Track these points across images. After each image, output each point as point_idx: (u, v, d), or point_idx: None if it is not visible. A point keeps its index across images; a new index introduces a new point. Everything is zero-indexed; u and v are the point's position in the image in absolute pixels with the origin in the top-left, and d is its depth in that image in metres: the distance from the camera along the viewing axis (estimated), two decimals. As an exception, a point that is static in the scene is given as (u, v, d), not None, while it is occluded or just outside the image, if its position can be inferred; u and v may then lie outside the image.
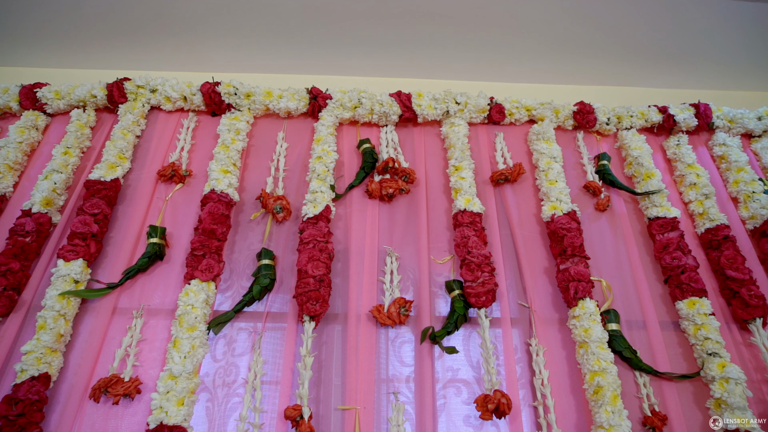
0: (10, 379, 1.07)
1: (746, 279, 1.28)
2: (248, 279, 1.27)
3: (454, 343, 1.21)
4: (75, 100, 1.48)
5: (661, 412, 1.13)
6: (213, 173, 1.34)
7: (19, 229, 1.22)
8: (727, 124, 1.61)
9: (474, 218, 1.33)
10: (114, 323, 1.17)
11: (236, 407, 1.12)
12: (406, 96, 1.52)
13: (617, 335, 1.20)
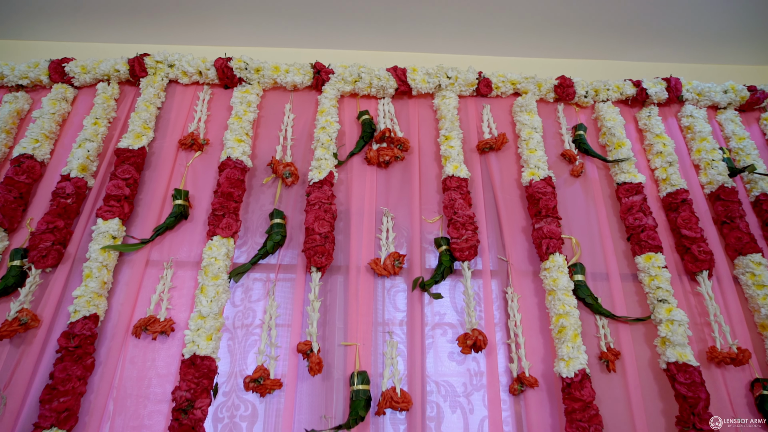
0: (62, 320, 1.27)
1: (698, 237, 1.46)
2: (261, 236, 1.45)
3: (440, 291, 1.41)
4: (100, 74, 1.62)
5: (615, 349, 1.33)
6: (228, 142, 1.50)
7: (60, 192, 1.39)
8: (696, 97, 1.75)
9: (460, 183, 1.50)
10: (148, 273, 1.36)
11: (254, 344, 1.32)
12: (401, 71, 1.67)
13: (581, 285, 1.39)
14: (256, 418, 1.25)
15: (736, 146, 1.68)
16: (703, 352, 1.35)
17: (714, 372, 1.34)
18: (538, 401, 1.28)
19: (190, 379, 1.17)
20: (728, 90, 1.75)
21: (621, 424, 1.26)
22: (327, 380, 1.27)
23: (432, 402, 1.30)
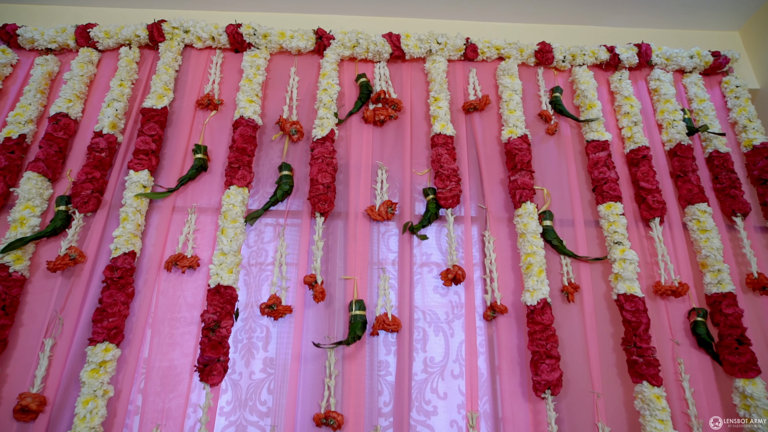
0: (104, 256, 1.49)
1: (653, 188, 1.67)
2: (271, 186, 1.66)
3: (427, 234, 1.62)
4: (122, 38, 1.78)
5: (575, 283, 1.56)
6: (241, 102, 1.69)
7: (95, 147, 1.58)
8: (664, 62, 1.92)
9: (447, 140, 1.69)
10: (174, 218, 1.57)
11: (267, 278, 1.54)
12: (396, 37, 1.83)
13: (549, 229, 1.61)
14: (270, 339, 1.49)
15: (697, 107, 1.86)
16: (651, 287, 1.58)
17: (658, 303, 1.57)
18: (507, 325, 1.52)
19: (216, 304, 1.41)
20: (694, 55, 1.92)
21: (577, 344, 1.50)
22: (329, 307, 1.51)
23: (419, 327, 1.54)
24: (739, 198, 1.68)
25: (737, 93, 1.88)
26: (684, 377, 1.46)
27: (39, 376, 1.33)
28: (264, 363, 1.46)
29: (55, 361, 1.36)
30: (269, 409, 1.42)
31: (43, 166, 1.54)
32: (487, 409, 1.45)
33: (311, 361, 1.44)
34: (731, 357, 1.47)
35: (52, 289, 1.46)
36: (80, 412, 1.27)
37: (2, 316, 1.36)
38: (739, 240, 1.66)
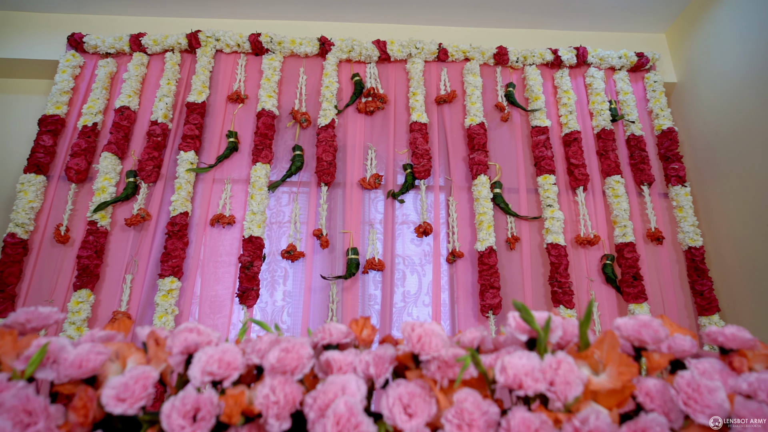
0: (163, 216, 2.01)
1: (580, 164, 2.17)
2: (286, 162, 2.16)
3: (406, 199, 2.14)
4: (167, 45, 2.26)
5: (517, 236, 2.08)
6: (262, 97, 2.18)
7: (153, 132, 2.08)
8: (598, 61, 2.40)
9: (421, 126, 2.18)
10: (214, 187, 2.08)
11: (285, 232, 2.06)
12: (383, 43, 2.30)
13: (498, 195, 2.11)
14: (288, 276, 2.02)
15: (623, 99, 2.35)
16: (574, 238, 2.10)
17: (579, 250, 2.09)
18: (464, 267, 2.04)
19: (249, 249, 1.93)
20: (622, 56, 2.39)
21: (516, 280, 2.03)
22: (332, 253, 2.03)
23: (399, 269, 2.07)
24: (646, 171, 2.19)
25: (654, 87, 2.37)
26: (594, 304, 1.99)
27: (124, 300, 1.87)
28: (284, 294, 1.99)
29: (134, 291, 1.90)
30: (288, 327, 1.95)
31: (114, 147, 2.05)
32: (447, 328, 1.99)
33: (319, 292, 1.98)
34: (628, 289, 2.00)
35: (127, 239, 1.98)
36: (156, 324, 1.80)
37: (94, 257, 1.89)
38: (644, 203, 2.18)
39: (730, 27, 2.12)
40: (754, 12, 2.00)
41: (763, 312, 1.89)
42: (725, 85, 2.14)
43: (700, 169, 2.26)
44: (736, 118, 2.07)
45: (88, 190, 2.04)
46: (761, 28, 1.96)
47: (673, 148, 2.24)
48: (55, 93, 2.14)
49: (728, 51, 2.13)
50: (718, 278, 2.11)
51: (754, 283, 1.94)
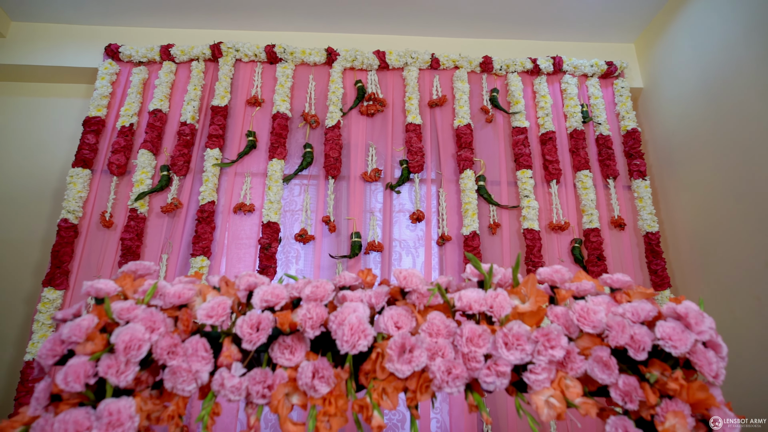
0: (193, 205, 2.33)
1: (554, 160, 2.49)
2: (298, 158, 2.47)
3: (402, 191, 2.46)
4: (192, 55, 2.57)
5: (498, 222, 2.40)
6: (276, 101, 2.49)
7: (183, 132, 2.40)
8: (573, 69, 2.71)
9: (416, 127, 2.50)
10: (236, 180, 2.40)
11: (297, 219, 2.39)
12: (382, 53, 2.62)
13: (482, 187, 2.43)
14: (300, 256, 2.34)
15: (593, 103, 2.66)
16: (547, 225, 2.42)
17: (552, 235, 2.42)
18: (451, 249, 2.37)
19: (267, 233, 2.25)
20: (594, 65, 2.71)
21: (497, 261, 2.35)
22: (338, 236, 2.35)
23: (396, 251, 2.39)
24: (612, 166, 2.51)
25: (621, 92, 2.68)
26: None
27: (161, 276, 2.19)
28: (297, 271, 2.32)
29: (169, 268, 2.22)
30: (301, 299, 2.27)
31: (150, 145, 2.37)
32: (437, 300, 2.31)
33: (327, 269, 2.30)
34: (593, 268, 2.33)
35: (162, 224, 2.30)
36: (190, 295, 2.12)
37: (135, 239, 2.21)
38: (609, 195, 2.50)
39: (688, 40, 2.43)
40: (707, 28, 2.31)
41: (708, 286, 2.22)
42: (682, 91, 2.46)
43: (660, 165, 2.59)
44: (690, 121, 2.39)
45: (128, 182, 2.36)
46: (711, 42, 2.27)
47: (636, 146, 2.56)
48: (96, 97, 2.46)
49: (685, 61, 2.45)
50: (671, 259, 2.44)
51: (702, 263, 2.26)
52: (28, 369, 2.00)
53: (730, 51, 2.15)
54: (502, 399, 2.14)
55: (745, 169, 2.03)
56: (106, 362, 0.86)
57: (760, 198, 1.95)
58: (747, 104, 2.04)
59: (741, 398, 1.94)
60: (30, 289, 2.37)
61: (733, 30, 2.14)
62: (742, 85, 2.07)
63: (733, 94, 2.12)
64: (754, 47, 2.01)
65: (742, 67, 2.08)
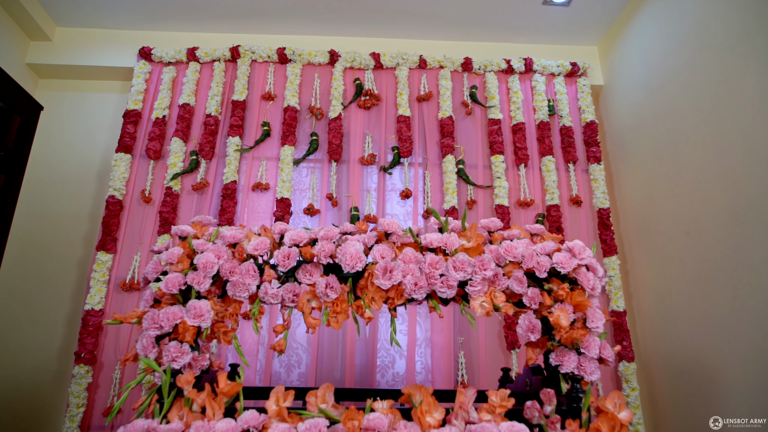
0: (217, 183, 2.77)
1: (523, 147, 2.93)
2: (305, 145, 2.92)
3: (394, 172, 2.90)
4: (215, 56, 3.00)
5: (474, 199, 2.85)
6: (287, 96, 2.93)
7: (208, 122, 2.84)
8: (542, 69, 3.14)
9: (406, 119, 2.94)
10: (254, 163, 2.85)
11: (305, 195, 2.84)
12: (377, 55, 3.05)
13: (461, 170, 2.88)
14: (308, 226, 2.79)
15: (558, 98, 3.10)
16: (516, 201, 2.88)
17: (520, 210, 2.87)
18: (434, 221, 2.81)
19: (281, 207, 2.71)
20: (560, 65, 3.14)
21: (472, 232, 2.80)
22: (340, 210, 2.81)
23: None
24: (572, 153, 2.96)
25: (583, 89, 3.12)
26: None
27: (193, 242, 2.64)
28: (305, 240, 2.77)
29: (199, 236, 2.67)
30: (308, 263, 2.73)
31: (180, 134, 2.81)
32: (423, 264, 2.77)
33: (330, 238, 2.75)
34: (553, 237, 2.78)
35: (192, 200, 2.75)
36: (218, 258, 2.58)
37: (171, 212, 2.66)
38: (569, 177, 2.95)
39: (636, 46, 2.87)
40: (649, 38, 2.75)
41: (646, 251, 2.68)
42: (631, 89, 2.90)
43: (614, 152, 3.04)
44: (636, 115, 2.84)
45: (162, 165, 2.80)
46: (653, 49, 2.71)
47: (594, 136, 3.00)
48: (133, 93, 2.90)
49: (633, 64, 2.89)
50: (620, 230, 2.90)
51: (642, 233, 2.72)
52: (87, 316, 2.46)
53: (667, 57, 2.59)
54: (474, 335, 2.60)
55: (675, 156, 2.48)
56: (191, 276, 1.31)
57: (684, 180, 2.40)
58: (678, 102, 2.48)
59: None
60: (81, 255, 2.82)
61: (669, 40, 2.58)
62: (674, 86, 2.52)
63: (667, 93, 2.57)
64: (685, 55, 2.45)
65: (674, 71, 2.52)
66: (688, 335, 2.33)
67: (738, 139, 2.06)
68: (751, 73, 2.01)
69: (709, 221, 2.21)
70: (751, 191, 1.98)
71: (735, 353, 2.04)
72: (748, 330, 1.97)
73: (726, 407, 2.06)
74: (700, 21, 2.34)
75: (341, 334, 2.58)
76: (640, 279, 2.75)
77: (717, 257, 2.16)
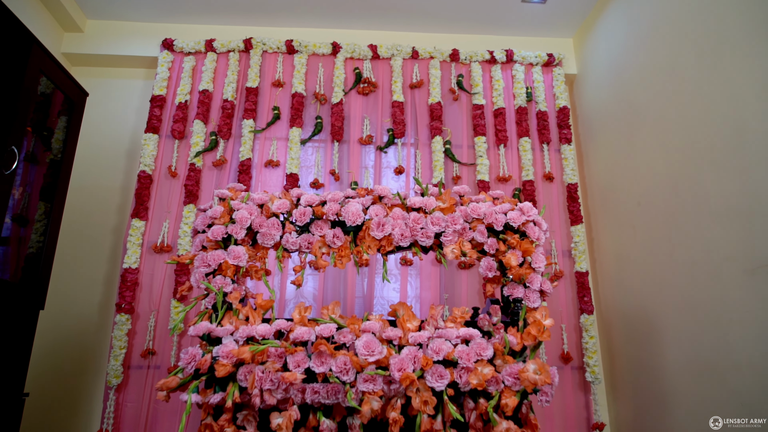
0: (234, 160, 3.17)
1: (503, 129, 3.32)
2: (311, 127, 3.31)
3: (389, 151, 3.30)
4: (230, 47, 3.37)
5: (459, 175, 3.25)
6: (294, 83, 3.31)
7: (226, 107, 3.22)
8: (521, 59, 3.52)
9: (399, 104, 3.33)
10: (265, 143, 3.24)
11: (310, 171, 3.24)
12: (374, 46, 3.42)
13: (448, 149, 3.28)
14: (313, 200, 3.20)
15: (535, 86, 3.48)
16: (494, 178, 3.28)
17: (498, 185, 3.27)
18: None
19: (290, 181, 3.11)
20: (537, 56, 3.52)
21: (457, 203, 3.22)
22: (341, 184, 3.21)
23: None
24: (546, 135, 3.36)
25: (558, 78, 3.50)
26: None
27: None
28: (311, 210, 3.18)
29: (219, 206, 3.08)
30: (314, 230, 3.14)
31: (201, 116, 3.20)
32: (413, 232, 3.19)
33: (333, 209, 3.16)
34: (527, 209, 3.19)
35: (212, 175, 3.15)
36: (236, 225, 2.99)
37: (194, 186, 3.06)
38: (543, 156, 3.35)
39: (603, 40, 3.25)
40: (614, 33, 3.12)
41: (607, 220, 3.10)
42: (599, 78, 3.28)
43: (584, 133, 3.44)
44: (603, 101, 3.23)
45: (186, 144, 3.20)
46: (617, 43, 3.08)
47: (566, 119, 3.40)
48: (158, 80, 3.28)
49: (601, 55, 3.27)
50: (588, 203, 3.32)
51: (604, 205, 3.14)
52: (126, 273, 2.87)
53: (626, 51, 2.97)
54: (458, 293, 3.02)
55: (631, 138, 2.88)
56: (231, 227, 1.73)
57: (637, 159, 2.81)
58: (633, 91, 2.88)
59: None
60: (115, 222, 3.23)
61: (629, 35, 2.96)
62: (631, 77, 2.91)
63: (625, 83, 2.96)
64: (640, 49, 2.84)
65: (631, 63, 2.91)
66: (638, 290, 2.76)
67: (679, 125, 2.46)
68: (691, 66, 2.40)
69: (655, 194, 2.63)
70: (686, 168, 2.39)
71: (670, 302, 2.47)
72: (680, 282, 2.39)
73: (663, 347, 2.50)
74: (653, 20, 2.72)
75: (341, 291, 3.00)
76: (602, 244, 3.17)
77: (659, 223, 2.57)
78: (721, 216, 2.14)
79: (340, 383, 1.38)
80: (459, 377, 1.40)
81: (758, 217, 1.94)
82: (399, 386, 1.37)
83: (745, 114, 2.04)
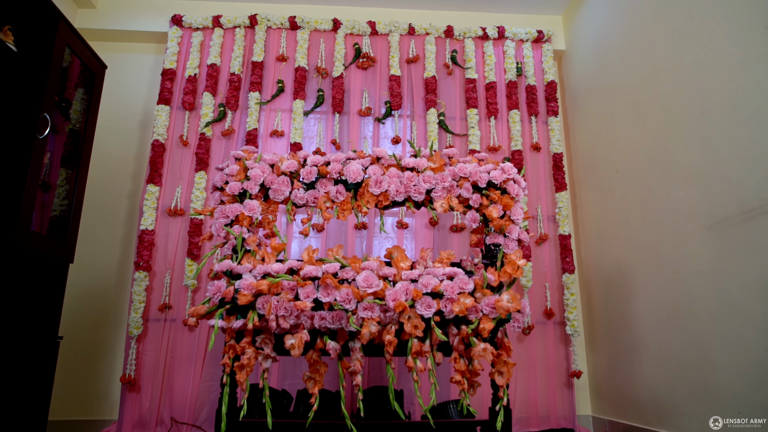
0: (242, 132, 3.39)
1: (494, 102, 3.53)
2: (313, 99, 3.51)
3: (387, 122, 3.52)
4: (236, 23, 3.56)
5: (452, 145, 3.47)
6: (298, 58, 3.50)
7: (232, 80, 3.43)
8: (512, 35, 3.71)
9: (397, 78, 3.53)
10: (270, 114, 3.45)
11: (313, 141, 3.46)
12: (373, 23, 3.61)
13: (442, 121, 3.49)
14: (315, 168, 3.43)
15: (525, 61, 3.68)
16: (486, 147, 3.50)
17: (489, 154, 3.49)
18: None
19: (294, 150, 3.33)
20: (527, 32, 3.71)
21: (450, 172, 3.45)
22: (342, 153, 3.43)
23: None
24: (534, 107, 3.57)
25: (546, 54, 3.70)
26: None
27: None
28: (313, 177, 3.41)
29: (228, 173, 3.30)
30: (316, 196, 3.38)
31: (210, 89, 3.40)
32: (409, 198, 3.42)
33: (334, 176, 3.39)
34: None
35: (221, 144, 3.37)
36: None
37: (205, 154, 3.28)
38: (532, 127, 3.57)
39: (588, 18, 3.44)
40: (598, 12, 3.32)
41: (589, 187, 3.34)
42: (585, 53, 3.48)
43: (571, 106, 3.65)
44: (587, 75, 3.43)
45: (196, 115, 3.41)
46: (600, 22, 3.28)
47: (553, 93, 3.61)
48: (169, 55, 3.47)
49: (587, 33, 3.46)
50: (572, 171, 3.55)
51: (586, 172, 3.37)
52: (143, 234, 3.11)
53: (608, 28, 3.17)
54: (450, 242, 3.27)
55: (610, 110, 3.10)
56: (246, 184, 1.96)
57: (616, 129, 3.03)
58: (613, 66, 3.08)
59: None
60: (130, 188, 3.45)
61: (611, 13, 3.15)
62: (611, 54, 3.11)
63: (606, 59, 3.17)
64: (620, 28, 3.04)
65: (612, 40, 3.11)
66: (615, 250, 3.01)
67: (653, 97, 2.68)
68: (665, 43, 2.61)
69: (631, 161, 2.86)
70: (658, 136, 2.62)
71: (641, 259, 2.72)
72: (650, 240, 2.64)
73: (634, 301, 2.76)
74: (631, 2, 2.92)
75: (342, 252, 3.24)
76: (585, 209, 3.42)
77: (634, 188, 2.81)
78: (686, 179, 2.38)
79: (344, 311, 1.62)
80: (444, 307, 1.65)
81: (716, 177, 2.18)
82: (393, 314, 1.62)
83: (708, 85, 2.26)
